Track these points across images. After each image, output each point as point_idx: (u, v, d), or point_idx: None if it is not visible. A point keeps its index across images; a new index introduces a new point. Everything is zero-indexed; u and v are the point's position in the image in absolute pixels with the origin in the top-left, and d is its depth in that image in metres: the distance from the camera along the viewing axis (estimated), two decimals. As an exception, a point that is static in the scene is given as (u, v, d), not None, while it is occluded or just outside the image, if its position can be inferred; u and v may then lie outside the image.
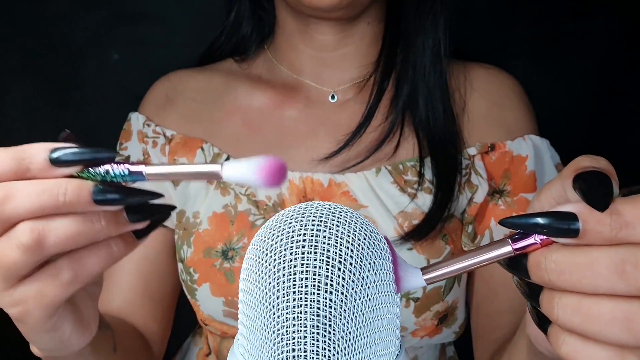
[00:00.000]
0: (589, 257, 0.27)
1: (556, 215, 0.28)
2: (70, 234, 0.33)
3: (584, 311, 0.27)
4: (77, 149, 0.33)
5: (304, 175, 0.63)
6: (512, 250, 0.29)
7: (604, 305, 0.27)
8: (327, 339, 0.28)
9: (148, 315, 0.67)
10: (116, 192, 0.33)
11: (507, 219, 0.29)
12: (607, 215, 0.26)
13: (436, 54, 0.64)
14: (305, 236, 0.29)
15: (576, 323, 0.27)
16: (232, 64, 0.73)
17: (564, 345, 0.28)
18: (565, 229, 0.27)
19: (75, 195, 0.32)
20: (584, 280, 0.27)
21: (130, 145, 0.70)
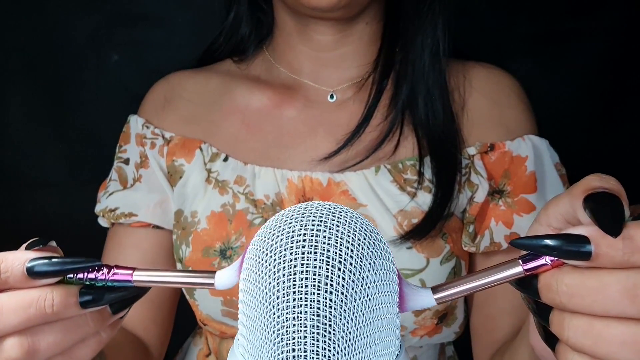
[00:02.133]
0: (601, 281, 0.27)
1: (568, 238, 0.28)
2: (60, 342, 0.33)
3: (595, 334, 0.27)
4: (55, 260, 0.33)
5: (303, 175, 0.63)
6: (523, 271, 0.30)
7: (614, 328, 0.27)
8: (327, 339, 0.28)
9: (148, 319, 0.67)
10: (103, 294, 0.33)
11: (518, 240, 0.29)
12: (619, 240, 0.27)
13: (435, 54, 0.64)
14: (305, 236, 0.29)
15: (587, 345, 0.28)
16: (230, 64, 0.73)
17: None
18: (577, 252, 0.27)
19: (62, 305, 0.32)
20: (595, 303, 0.27)
21: (129, 148, 0.70)
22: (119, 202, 0.67)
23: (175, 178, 0.67)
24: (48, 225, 0.97)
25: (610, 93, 0.92)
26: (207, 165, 0.66)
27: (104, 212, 0.68)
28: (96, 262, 0.34)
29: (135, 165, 0.69)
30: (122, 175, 0.69)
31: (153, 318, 0.68)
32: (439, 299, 0.31)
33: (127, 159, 0.70)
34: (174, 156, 0.68)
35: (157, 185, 0.68)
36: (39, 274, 0.32)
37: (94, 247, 0.70)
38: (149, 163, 0.68)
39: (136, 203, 0.67)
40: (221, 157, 0.66)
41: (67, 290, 0.32)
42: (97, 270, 0.34)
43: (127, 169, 0.69)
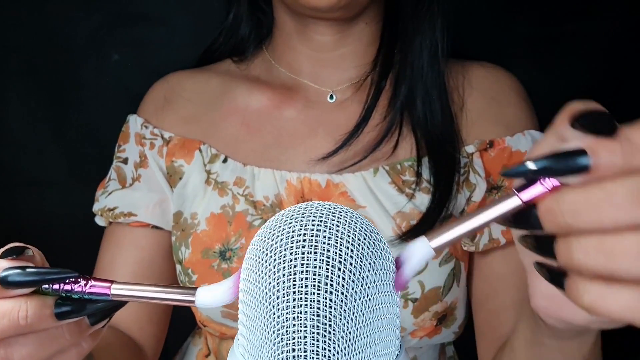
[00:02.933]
0: (605, 190, 0.25)
1: (563, 154, 0.25)
2: (35, 355, 0.32)
3: (608, 249, 0.25)
4: (30, 270, 0.32)
5: (302, 176, 0.63)
6: (520, 201, 0.27)
7: (628, 238, 0.25)
8: (327, 339, 0.28)
9: (143, 317, 0.67)
10: (78, 306, 0.32)
11: (509, 170, 0.27)
12: (617, 143, 0.25)
13: (434, 54, 0.64)
14: (305, 236, 0.29)
15: (600, 264, 0.25)
16: (230, 64, 0.73)
17: (586, 295, 0.26)
18: (576, 166, 0.25)
19: (36, 317, 0.31)
20: (603, 215, 0.25)
21: (128, 147, 0.70)
22: (118, 202, 0.67)
23: (175, 179, 0.67)
24: (48, 224, 0.97)
25: (610, 93, 0.92)
26: (207, 166, 0.66)
27: (103, 211, 0.68)
28: (72, 273, 0.33)
29: (134, 165, 0.69)
30: (120, 175, 0.69)
31: (149, 317, 0.68)
32: (437, 247, 0.28)
33: (125, 159, 0.70)
34: (173, 157, 0.67)
35: (157, 185, 0.68)
36: (13, 284, 0.31)
37: (93, 246, 0.70)
38: (148, 163, 0.68)
39: (135, 203, 0.67)
40: (220, 158, 0.66)
41: (42, 302, 0.31)
42: (74, 281, 0.33)
43: (125, 169, 0.69)
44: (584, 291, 0.26)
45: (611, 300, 0.26)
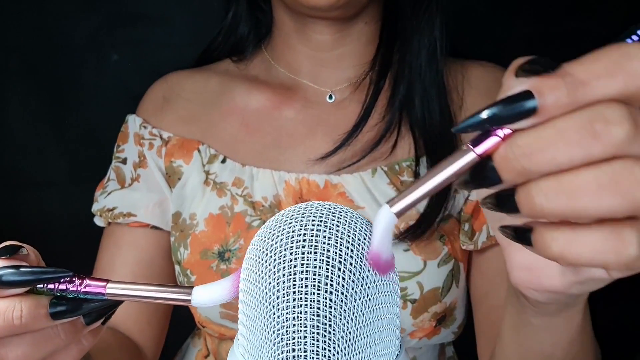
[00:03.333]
0: (556, 127, 0.24)
1: (508, 99, 0.25)
2: (30, 355, 0.31)
3: (567, 187, 0.25)
4: (24, 269, 0.31)
5: (300, 177, 0.63)
6: (475, 155, 0.26)
7: (585, 175, 0.24)
8: (327, 339, 0.28)
9: (143, 320, 0.67)
10: (74, 305, 0.32)
11: (459, 125, 0.26)
12: (560, 79, 0.24)
13: (432, 54, 0.64)
14: (305, 236, 0.29)
15: (562, 204, 0.25)
16: (229, 64, 0.72)
17: (553, 243, 0.26)
18: (523, 109, 0.25)
19: (31, 317, 0.31)
20: (558, 153, 0.24)
21: (126, 147, 0.70)
22: (117, 202, 0.67)
23: (174, 179, 0.67)
24: (48, 225, 0.97)
25: None
26: (206, 167, 0.66)
27: (102, 211, 0.68)
28: (67, 272, 0.32)
29: (133, 165, 0.69)
30: (120, 175, 0.69)
31: (148, 319, 0.68)
32: (399, 212, 0.27)
33: (124, 159, 0.70)
34: (172, 157, 0.67)
35: (156, 186, 0.68)
36: (7, 284, 0.31)
37: (93, 247, 0.70)
38: (147, 163, 0.68)
39: (135, 203, 0.67)
40: (219, 159, 0.66)
41: (36, 301, 0.31)
42: (69, 281, 0.32)
43: (124, 169, 0.69)
44: (551, 240, 0.26)
45: (579, 245, 0.25)
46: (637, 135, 0.24)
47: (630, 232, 0.25)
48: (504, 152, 0.25)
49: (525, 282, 0.34)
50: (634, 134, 0.24)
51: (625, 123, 0.24)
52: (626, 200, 0.24)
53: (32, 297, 0.32)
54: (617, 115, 0.24)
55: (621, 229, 0.25)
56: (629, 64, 0.24)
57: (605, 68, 0.24)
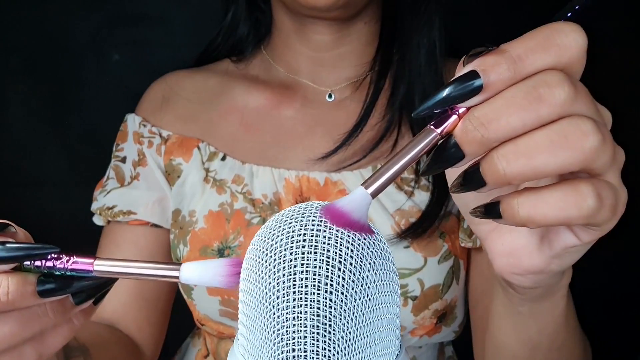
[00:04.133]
0: (505, 97, 0.27)
1: (457, 80, 0.28)
2: (17, 333, 0.31)
3: (524, 149, 0.27)
4: (10, 245, 0.31)
5: (300, 174, 0.63)
6: (437, 133, 0.29)
7: (538, 135, 0.27)
8: (327, 339, 0.28)
9: (142, 318, 0.67)
10: (62, 283, 0.31)
11: (417, 109, 0.29)
12: (499, 56, 0.27)
13: (431, 53, 0.64)
14: (305, 236, 0.29)
15: (521, 165, 0.27)
16: (229, 64, 0.73)
17: (520, 209, 0.28)
18: (472, 87, 0.27)
19: (18, 293, 0.31)
20: (511, 118, 0.27)
21: (126, 146, 0.70)
22: (117, 200, 0.67)
23: (174, 177, 0.67)
24: (48, 224, 0.97)
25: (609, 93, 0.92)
26: (205, 164, 0.66)
27: (101, 210, 0.68)
28: (54, 248, 0.32)
29: (132, 163, 0.69)
30: (119, 174, 0.69)
31: (147, 317, 0.68)
32: (374, 192, 0.29)
33: (124, 157, 0.70)
34: (171, 155, 0.68)
35: (156, 184, 0.68)
36: None
37: (93, 246, 0.70)
38: (147, 161, 0.68)
39: (135, 201, 0.67)
40: (219, 156, 0.66)
41: (23, 278, 0.31)
42: (57, 258, 0.32)
43: (124, 167, 0.69)
44: (517, 206, 0.28)
45: (543, 205, 0.28)
46: (577, 95, 0.27)
47: (586, 186, 0.27)
48: (463, 125, 0.28)
49: (508, 267, 0.35)
50: (574, 94, 0.27)
51: (565, 85, 0.27)
52: (577, 151, 0.27)
53: (19, 274, 0.31)
54: (557, 79, 0.27)
55: (578, 184, 0.28)
56: (559, 38, 0.27)
57: (539, 43, 0.27)
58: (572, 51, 0.27)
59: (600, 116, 0.28)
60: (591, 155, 0.27)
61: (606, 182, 0.28)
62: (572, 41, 0.27)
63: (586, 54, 0.28)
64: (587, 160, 0.27)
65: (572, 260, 0.34)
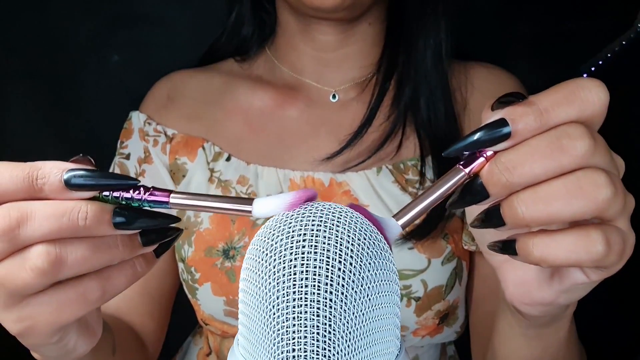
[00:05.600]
0: (530, 145, 0.29)
1: (487, 126, 0.30)
2: (88, 259, 0.32)
3: (542, 195, 0.29)
4: (96, 173, 0.32)
5: (305, 175, 0.63)
6: (465, 173, 0.31)
7: (556, 183, 0.29)
8: (327, 339, 0.28)
9: (146, 313, 0.67)
10: (137, 216, 0.32)
11: (449, 149, 0.31)
12: (528, 107, 0.29)
13: (438, 55, 0.64)
14: (305, 236, 0.29)
15: (539, 210, 0.29)
16: (233, 64, 0.73)
17: (535, 249, 0.30)
18: (500, 133, 0.30)
19: (95, 220, 0.31)
20: (534, 165, 0.29)
21: (131, 143, 0.70)
22: None
23: (178, 176, 0.67)
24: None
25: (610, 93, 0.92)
26: (210, 164, 0.66)
27: None
28: (134, 180, 0.33)
29: (138, 160, 0.69)
30: (123, 171, 0.69)
31: (151, 313, 0.68)
32: (404, 224, 0.32)
33: (128, 154, 0.70)
34: (176, 154, 0.68)
35: (161, 182, 0.68)
36: (76, 186, 0.31)
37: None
38: (152, 159, 0.68)
39: None
40: (224, 157, 0.66)
41: (101, 207, 0.32)
42: (134, 190, 0.33)
43: (128, 164, 0.69)
44: (532, 246, 0.30)
45: (556, 247, 0.30)
46: (596, 148, 0.29)
47: (596, 233, 0.30)
48: (489, 168, 0.30)
49: (518, 296, 0.38)
50: (593, 147, 0.29)
51: (586, 138, 0.29)
52: (591, 202, 0.29)
53: (97, 202, 0.32)
54: (579, 133, 0.29)
55: (589, 230, 0.30)
56: (583, 93, 0.29)
57: (565, 97, 0.29)
58: (594, 106, 0.29)
59: (614, 166, 0.30)
60: (603, 205, 0.29)
61: (616, 228, 0.30)
62: (595, 96, 0.29)
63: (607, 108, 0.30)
64: (599, 210, 0.29)
65: (579, 295, 0.36)
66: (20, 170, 0.31)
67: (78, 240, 0.32)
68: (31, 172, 0.31)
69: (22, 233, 0.31)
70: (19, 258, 0.31)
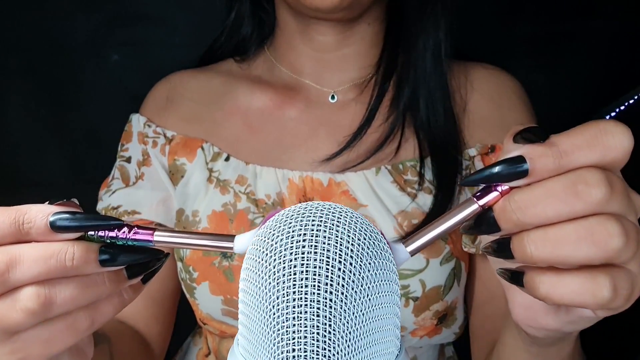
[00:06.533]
0: (545, 187, 0.29)
1: (506, 161, 0.30)
2: (77, 298, 0.33)
3: (552, 238, 0.29)
4: (79, 215, 0.33)
5: (304, 175, 0.63)
6: (478, 206, 0.31)
7: (568, 228, 0.29)
8: (327, 339, 0.28)
9: (150, 316, 0.68)
10: (122, 254, 0.34)
11: (465, 180, 0.32)
12: (547, 148, 0.29)
13: (437, 55, 0.64)
14: (305, 236, 0.29)
15: (547, 252, 0.29)
16: (232, 64, 0.73)
17: (541, 286, 0.30)
18: (517, 170, 0.30)
19: (82, 260, 0.32)
20: (547, 208, 0.29)
21: (131, 146, 0.70)
22: (121, 200, 0.67)
23: (177, 177, 0.67)
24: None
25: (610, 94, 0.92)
26: (209, 164, 0.66)
27: (107, 210, 0.68)
28: (118, 221, 0.34)
29: (137, 164, 0.69)
30: (124, 174, 0.69)
31: (155, 315, 0.68)
32: (413, 251, 0.33)
33: (129, 157, 0.70)
34: (175, 155, 0.68)
35: (160, 184, 0.68)
36: (62, 228, 0.32)
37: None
38: (151, 161, 0.68)
39: (139, 201, 0.67)
40: (223, 157, 0.66)
41: (87, 246, 0.33)
42: (119, 229, 0.34)
43: (129, 167, 0.69)
44: (539, 283, 0.30)
45: (562, 288, 0.30)
46: (612, 196, 0.29)
47: (604, 278, 0.29)
48: (503, 205, 0.30)
49: (525, 319, 0.38)
50: (609, 195, 0.28)
51: (603, 186, 0.28)
52: (600, 249, 0.29)
53: (83, 242, 0.33)
54: (596, 179, 0.28)
55: (597, 274, 0.29)
56: (605, 138, 0.29)
57: (586, 141, 0.29)
58: (616, 152, 0.29)
59: (632, 209, 0.30)
60: (613, 254, 0.29)
61: (625, 272, 0.30)
62: (618, 142, 0.29)
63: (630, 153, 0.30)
64: (609, 258, 0.29)
65: (585, 326, 0.36)
66: (6, 216, 0.32)
67: (66, 279, 0.33)
68: (17, 217, 0.32)
69: (12, 276, 0.31)
70: (10, 299, 0.32)
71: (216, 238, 0.34)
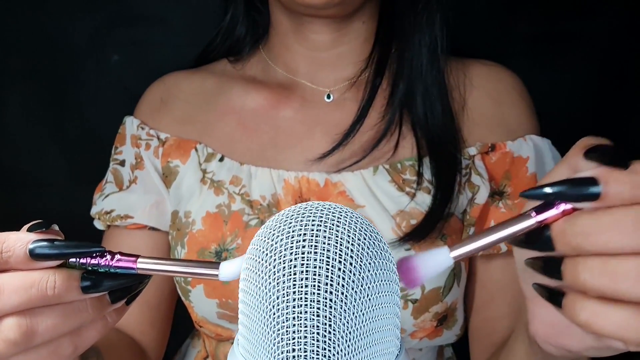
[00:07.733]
0: (614, 216, 0.27)
1: (577, 181, 0.28)
2: (59, 326, 0.33)
3: (611, 271, 0.27)
4: (58, 243, 0.33)
5: (300, 175, 0.63)
6: (535, 222, 0.29)
7: (630, 263, 0.27)
8: (327, 339, 0.28)
9: (145, 322, 0.67)
10: (105, 280, 0.33)
11: (527, 191, 0.29)
12: (626, 174, 0.27)
13: (433, 51, 0.63)
14: (305, 236, 0.29)
15: (604, 284, 0.27)
16: (226, 64, 0.72)
17: (582, 312, 0.29)
18: (588, 193, 0.27)
19: (64, 288, 0.32)
20: (611, 239, 0.27)
21: (124, 149, 0.70)
22: (114, 204, 0.67)
23: (171, 179, 0.67)
24: (48, 225, 0.97)
25: (611, 93, 0.92)
26: (202, 165, 0.66)
27: (100, 214, 0.68)
28: (99, 247, 0.34)
29: (130, 167, 0.69)
30: (117, 177, 0.69)
31: (150, 320, 0.68)
32: (457, 257, 0.31)
33: (122, 161, 0.69)
34: (169, 157, 0.67)
35: (153, 187, 0.68)
36: (41, 256, 0.32)
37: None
38: (144, 164, 0.68)
39: (132, 205, 0.67)
40: (217, 158, 0.66)
41: (69, 274, 0.32)
42: (101, 256, 0.33)
43: (122, 171, 0.69)
44: (581, 309, 0.29)
45: (605, 318, 0.28)
46: None
47: None
48: (563, 226, 0.28)
49: (544, 336, 0.35)
50: None
51: None
52: None
53: (64, 269, 0.33)
54: None
55: None
56: None
57: None
58: None
59: None
60: None
61: None
62: None
63: None
64: None
65: (608, 354, 0.34)
66: None
67: (48, 308, 0.32)
68: None
69: None
70: None
71: (201, 265, 0.34)
